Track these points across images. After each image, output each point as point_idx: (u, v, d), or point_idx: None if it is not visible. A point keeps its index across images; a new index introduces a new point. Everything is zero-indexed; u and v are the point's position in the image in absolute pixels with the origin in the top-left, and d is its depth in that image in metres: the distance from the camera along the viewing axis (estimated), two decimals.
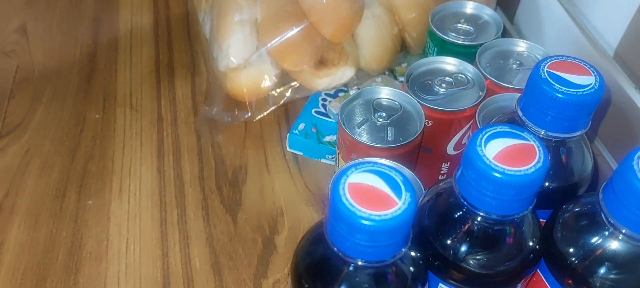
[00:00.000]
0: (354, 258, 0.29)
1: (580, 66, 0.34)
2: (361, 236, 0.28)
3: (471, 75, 0.48)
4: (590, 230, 0.32)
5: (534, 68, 0.35)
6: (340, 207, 0.28)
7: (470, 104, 0.46)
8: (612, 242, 0.32)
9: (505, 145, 0.30)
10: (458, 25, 0.55)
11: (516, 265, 0.34)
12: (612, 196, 0.30)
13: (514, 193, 0.29)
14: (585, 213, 0.33)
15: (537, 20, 0.61)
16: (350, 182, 0.29)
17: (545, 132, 0.35)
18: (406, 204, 0.28)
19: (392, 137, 0.45)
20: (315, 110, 0.60)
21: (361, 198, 0.28)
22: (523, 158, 0.29)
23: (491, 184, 0.29)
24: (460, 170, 0.31)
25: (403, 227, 0.28)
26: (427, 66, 0.49)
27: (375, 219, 0.27)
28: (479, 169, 0.30)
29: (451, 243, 0.33)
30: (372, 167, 0.30)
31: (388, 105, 0.47)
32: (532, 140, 0.30)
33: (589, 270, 0.32)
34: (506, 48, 0.51)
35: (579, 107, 0.33)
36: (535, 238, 0.34)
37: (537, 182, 0.29)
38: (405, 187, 0.29)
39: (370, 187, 0.29)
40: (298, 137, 0.58)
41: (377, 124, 0.45)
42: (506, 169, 0.29)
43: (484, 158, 0.29)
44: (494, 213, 0.31)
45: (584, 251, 0.33)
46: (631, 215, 0.30)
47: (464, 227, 0.33)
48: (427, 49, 0.56)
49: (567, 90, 0.33)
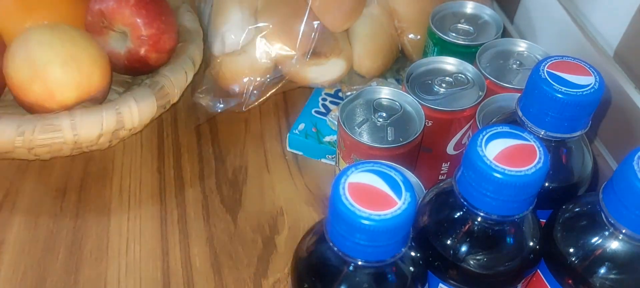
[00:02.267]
0: (353, 258, 0.29)
1: (580, 66, 0.34)
2: (361, 236, 0.28)
3: (471, 75, 0.48)
4: (590, 230, 0.32)
5: (533, 68, 0.35)
6: (340, 207, 0.28)
7: (470, 104, 0.46)
8: (612, 242, 0.32)
9: (505, 145, 0.30)
10: (458, 25, 0.55)
11: (516, 266, 0.34)
12: (612, 196, 0.30)
13: (514, 193, 0.29)
14: (585, 214, 0.33)
15: (537, 21, 0.61)
16: (351, 181, 0.29)
17: (545, 132, 0.35)
18: (406, 204, 0.28)
19: (392, 137, 0.45)
20: (315, 110, 0.60)
21: (361, 198, 0.28)
22: (523, 158, 0.29)
23: (491, 184, 0.29)
24: (461, 171, 0.31)
25: (403, 227, 0.28)
26: (427, 66, 0.49)
27: (375, 219, 0.27)
28: (479, 169, 0.30)
29: (451, 243, 0.33)
30: (372, 167, 0.30)
31: (388, 106, 0.47)
32: (533, 141, 0.30)
33: (589, 270, 0.32)
34: (506, 48, 0.51)
35: (579, 107, 0.33)
36: (535, 238, 0.34)
37: (538, 182, 0.29)
38: (405, 187, 0.29)
39: (371, 187, 0.29)
40: (298, 137, 0.58)
41: (377, 124, 0.45)
42: (506, 170, 0.29)
43: (485, 159, 0.29)
44: (494, 213, 0.31)
45: (584, 251, 0.33)
46: (631, 215, 0.30)
47: (464, 227, 0.33)
48: (427, 49, 0.56)
49: (567, 90, 0.33)
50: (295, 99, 0.64)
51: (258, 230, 0.52)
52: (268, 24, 0.56)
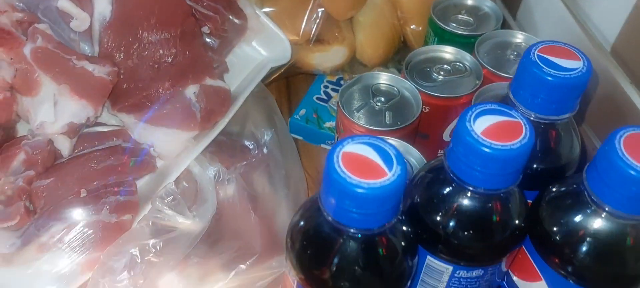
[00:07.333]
0: (344, 225, 0.31)
1: (570, 51, 0.36)
2: (350, 202, 0.29)
3: (469, 64, 0.50)
4: (574, 208, 0.33)
5: (525, 52, 0.36)
6: (333, 174, 0.29)
7: (467, 91, 0.47)
8: (595, 219, 0.33)
9: (493, 121, 0.31)
10: (459, 16, 0.56)
11: (502, 240, 0.35)
12: (595, 175, 0.32)
13: (501, 167, 0.31)
14: (569, 193, 0.35)
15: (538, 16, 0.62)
16: (345, 151, 0.30)
17: (535, 114, 0.36)
18: (396, 176, 0.29)
19: (390, 120, 0.46)
20: (317, 96, 0.62)
21: (354, 168, 0.29)
22: (510, 134, 0.31)
23: (479, 158, 0.31)
24: (450, 146, 0.33)
25: (391, 197, 0.30)
26: (426, 54, 0.51)
27: (365, 187, 0.29)
28: (467, 144, 0.31)
29: (439, 216, 0.35)
30: (368, 140, 0.31)
31: (386, 91, 0.48)
32: (519, 118, 0.32)
33: (572, 246, 0.34)
34: (504, 39, 0.52)
35: (567, 89, 0.34)
36: (522, 215, 0.35)
37: (523, 156, 0.31)
38: (397, 160, 0.30)
39: (364, 158, 0.30)
40: (299, 122, 0.59)
41: (375, 108, 0.47)
42: (493, 144, 0.30)
43: (473, 133, 0.31)
44: (481, 187, 0.32)
45: (567, 228, 0.34)
46: (614, 193, 0.31)
47: (453, 201, 0.34)
48: (428, 39, 0.57)
49: (556, 72, 0.34)
50: (297, 85, 0.65)
51: None
52: (274, 9, 0.57)
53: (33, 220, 0.42)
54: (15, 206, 0.40)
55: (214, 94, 0.48)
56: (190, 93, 0.47)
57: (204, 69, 0.49)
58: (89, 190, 0.44)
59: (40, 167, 0.43)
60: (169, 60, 0.47)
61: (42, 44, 0.43)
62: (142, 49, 0.46)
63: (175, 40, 0.47)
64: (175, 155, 0.47)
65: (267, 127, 0.52)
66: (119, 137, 0.47)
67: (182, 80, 0.47)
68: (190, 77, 0.48)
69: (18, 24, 0.44)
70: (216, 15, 0.51)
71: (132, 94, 0.46)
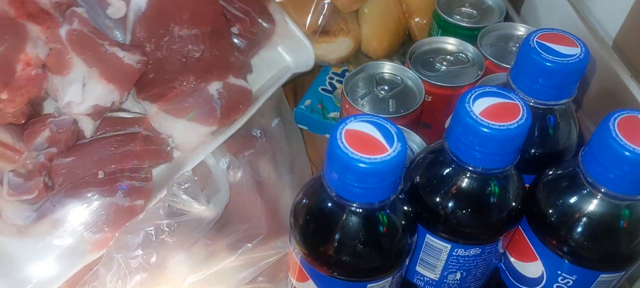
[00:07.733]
0: (346, 200, 0.32)
1: (568, 38, 0.36)
2: (352, 177, 0.30)
3: (471, 55, 0.51)
4: (570, 189, 0.34)
5: (524, 39, 0.37)
6: (335, 150, 0.30)
7: (469, 81, 0.48)
8: (591, 200, 0.34)
9: (491, 103, 0.32)
10: (462, 9, 0.57)
11: (499, 219, 0.36)
12: (590, 157, 0.33)
13: (499, 146, 0.32)
14: (565, 175, 0.36)
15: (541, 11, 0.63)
16: (348, 129, 0.31)
17: (534, 100, 0.37)
18: (396, 152, 0.30)
19: (393, 108, 0.47)
20: (322, 87, 0.63)
21: (356, 143, 0.30)
22: (508, 115, 0.32)
23: (477, 138, 0.32)
24: (450, 127, 0.34)
25: (392, 172, 0.31)
26: (430, 45, 0.52)
27: (366, 161, 0.30)
28: (466, 124, 0.32)
29: (439, 196, 0.36)
30: (370, 119, 0.32)
31: (390, 80, 0.49)
32: (517, 100, 0.33)
33: (568, 227, 0.34)
34: (507, 32, 0.53)
35: (566, 74, 0.35)
36: (519, 196, 0.36)
37: (521, 136, 0.32)
38: (398, 138, 0.31)
39: (366, 135, 0.31)
40: (304, 112, 0.60)
41: (379, 96, 0.48)
42: (492, 124, 0.31)
43: (472, 114, 0.32)
44: (480, 166, 0.33)
45: (563, 209, 0.35)
46: (608, 175, 0.32)
47: (452, 181, 0.35)
48: (432, 31, 0.58)
49: (554, 58, 0.35)
50: (303, 76, 0.66)
51: None
52: (280, 1, 0.59)
53: (50, 196, 0.43)
54: (34, 180, 0.42)
55: (236, 93, 0.50)
56: (213, 89, 0.49)
57: (228, 68, 0.50)
58: (106, 173, 0.45)
59: (63, 145, 0.44)
60: (196, 56, 0.48)
61: (77, 26, 0.44)
62: (172, 42, 0.47)
63: (205, 37, 0.48)
64: (193, 147, 0.48)
65: (274, 115, 0.54)
66: (140, 125, 0.48)
67: (206, 76, 0.48)
68: (215, 74, 0.49)
69: (57, 5, 0.45)
70: (246, 17, 0.52)
71: (158, 84, 0.48)
